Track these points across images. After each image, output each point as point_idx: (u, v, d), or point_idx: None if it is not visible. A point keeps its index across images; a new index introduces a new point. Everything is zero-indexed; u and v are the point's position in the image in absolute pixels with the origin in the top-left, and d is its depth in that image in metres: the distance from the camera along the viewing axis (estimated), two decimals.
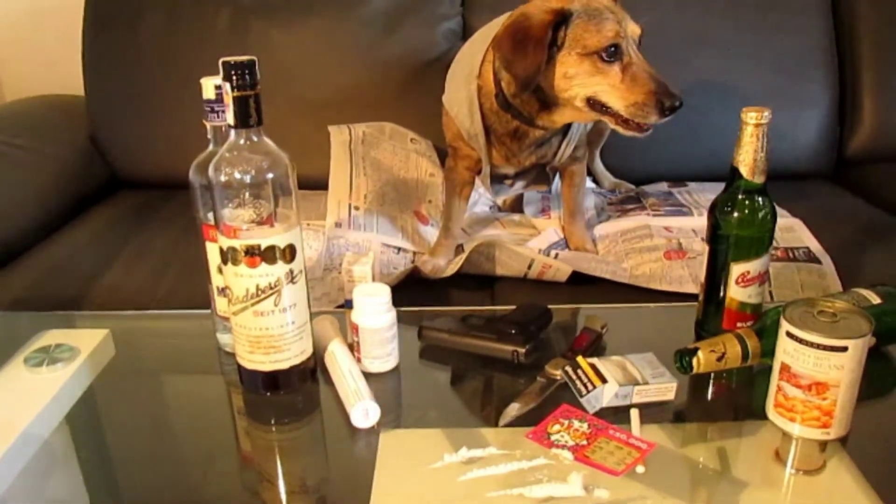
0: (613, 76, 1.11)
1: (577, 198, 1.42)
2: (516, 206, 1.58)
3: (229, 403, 0.92)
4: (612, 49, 1.10)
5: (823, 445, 0.76)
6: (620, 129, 1.15)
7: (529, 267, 1.28)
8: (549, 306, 1.01)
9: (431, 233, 1.48)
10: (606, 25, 1.10)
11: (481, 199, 1.59)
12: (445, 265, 1.34)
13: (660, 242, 1.36)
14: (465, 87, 1.28)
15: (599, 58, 1.10)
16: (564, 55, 1.12)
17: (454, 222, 1.41)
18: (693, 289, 1.16)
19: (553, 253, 1.36)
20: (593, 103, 1.14)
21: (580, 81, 1.13)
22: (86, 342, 1.00)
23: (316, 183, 1.55)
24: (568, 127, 1.29)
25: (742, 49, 1.69)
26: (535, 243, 1.41)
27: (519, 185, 1.44)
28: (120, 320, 1.12)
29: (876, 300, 0.92)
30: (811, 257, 1.31)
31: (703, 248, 0.95)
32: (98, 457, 0.83)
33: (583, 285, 1.26)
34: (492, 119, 1.26)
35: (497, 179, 1.41)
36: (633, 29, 1.13)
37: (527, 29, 1.12)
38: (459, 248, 1.40)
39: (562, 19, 1.11)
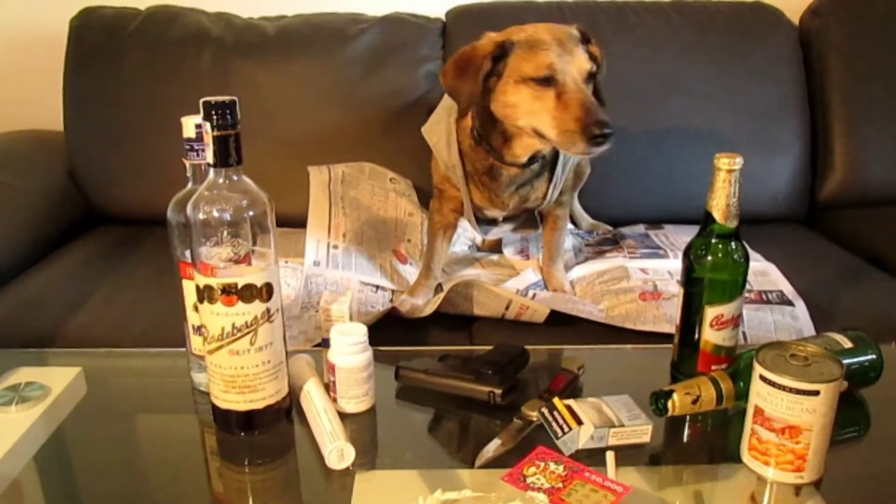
0: (548, 101, 1.12)
1: (558, 241, 1.44)
2: (495, 246, 1.59)
3: (203, 443, 0.90)
4: (546, 78, 1.11)
5: (798, 489, 0.76)
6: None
7: (507, 307, 1.28)
8: (527, 347, 1.01)
9: (410, 272, 1.48)
10: (542, 55, 1.12)
11: (461, 238, 1.59)
12: (424, 305, 1.34)
13: (635, 284, 1.37)
14: (444, 120, 1.32)
15: (535, 82, 1.12)
16: (503, 83, 1.16)
17: (436, 263, 1.41)
18: (668, 328, 1.17)
19: (531, 293, 1.37)
20: (537, 131, 1.16)
21: (522, 109, 1.15)
22: (57, 380, 0.98)
23: (295, 221, 1.55)
24: (552, 171, 1.31)
25: (716, 96, 1.73)
26: (513, 283, 1.42)
27: (507, 227, 1.46)
28: (93, 358, 1.10)
29: (847, 344, 0.93)
30: (784, 300, 1.32)
31: (678, 290, 0.96)
32: (67, 498, 0.81)
33: (560, 326, 1.26)
34: (471, 157, 1.28)
35: (486, 222, 1.42)
36: (581, 64, 1.13)
37: (469, 58, 1.17)
38: (438, 288, 1.40)
39: (502, 52, 1.15)
